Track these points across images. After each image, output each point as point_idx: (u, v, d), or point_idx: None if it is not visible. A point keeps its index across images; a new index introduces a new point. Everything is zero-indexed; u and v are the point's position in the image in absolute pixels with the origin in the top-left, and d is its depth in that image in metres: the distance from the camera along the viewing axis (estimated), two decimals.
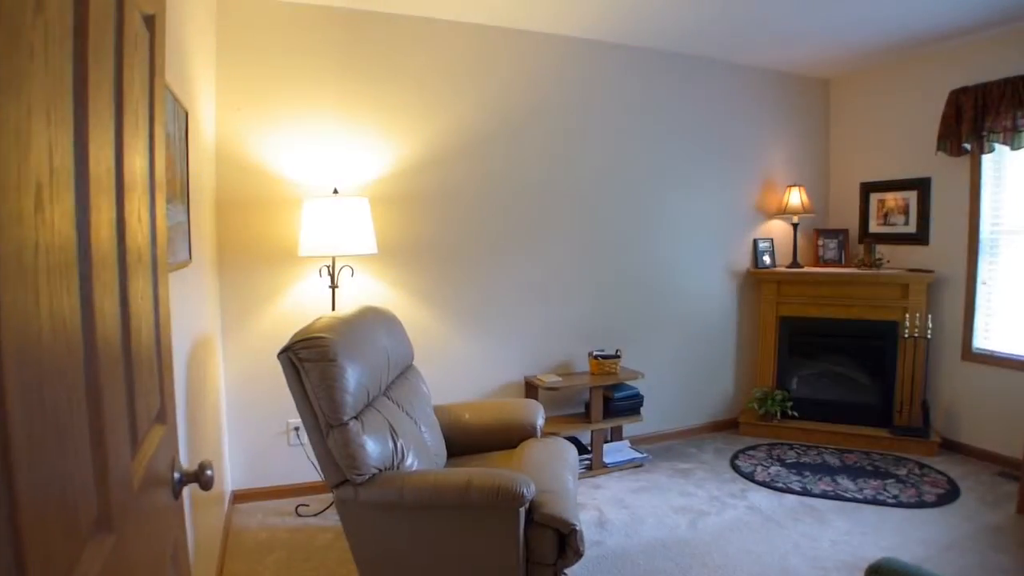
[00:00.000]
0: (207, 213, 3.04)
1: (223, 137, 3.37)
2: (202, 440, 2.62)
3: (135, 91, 0.95)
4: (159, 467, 1.09)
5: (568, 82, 4.18)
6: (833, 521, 3.43)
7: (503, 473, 2.22)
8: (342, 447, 2.23)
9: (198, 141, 2.70)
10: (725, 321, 5.00)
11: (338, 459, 2.25)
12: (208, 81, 3.14)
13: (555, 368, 4.28)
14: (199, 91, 2.75)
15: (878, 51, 4.61)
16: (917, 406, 4.56)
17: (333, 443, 2.24)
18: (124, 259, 0.87)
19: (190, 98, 2.44)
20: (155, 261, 1.09)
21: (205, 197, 2.98)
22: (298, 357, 2.26)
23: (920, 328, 4.51)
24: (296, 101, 3.48)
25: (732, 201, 4.93)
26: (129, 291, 0.89)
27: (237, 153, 3.40)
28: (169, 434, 1.17)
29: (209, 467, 1.21)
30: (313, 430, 2.30)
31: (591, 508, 3.58)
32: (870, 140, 5.10)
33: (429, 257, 3.86)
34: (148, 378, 1.03)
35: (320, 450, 2.30)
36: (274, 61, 3.43)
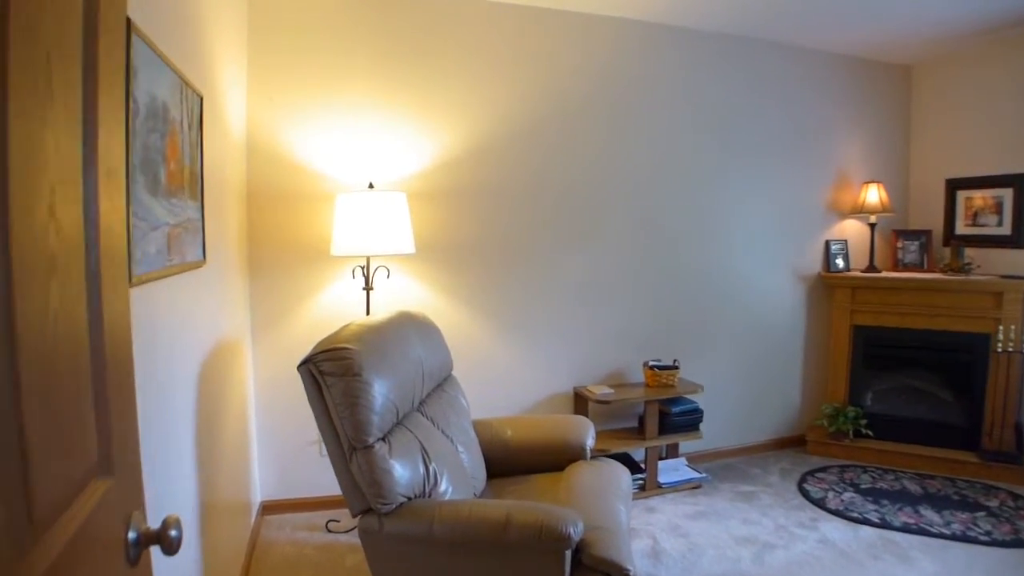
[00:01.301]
0: (234, 209, 2.84)
1: (255, 128, 3.17)
2: (220, 453, 2.41)
3: (44, 46, 0.70)
4: (100, 531, 0.85)
5: (621, 68, 3.87)
6: (918, 561, 3.05)
7: (547, 509, 1.94)
8: (366, 472, 1.98)
9: (220, 130, 2.50)
10: (792, 329, 4.61)
11: (362, 485, 2.00)
12: (238, 68, 2.94)
13: (606, 378, 3.97)
14: (222, 76, 2.54)
15: (968, 32, 4.16)
16: (1010, 429, 4.11)
17: (356, 467, 2.00)
18: (9, 267, 0.61)
19: (207, 82, 2.23)
20: (94, 268, 0.84)
21: (231, 191, 2.78)
22: (319, 370, 2.02)
23: (1016, 342, 4.06)
24: (330, 90, 3.27)
25: (801, 199, 4.54)
26: (20, 308, 0.63)
27: (269, 145, 3.20)
28: (120, 487, 0.92)
29: (175, 525, 0.97)
30: (335, 452, 2.06)
31: (644, 536, 3.26)
32: (958, 132, 4.64)
33: (470, 257, 3.60)
34: (72, 423, 0.78)
35: (342, 474, 2.07)
36: (308, 48, 3.22)
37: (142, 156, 1.46)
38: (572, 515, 1.90)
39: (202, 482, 2.09)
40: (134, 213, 1.40)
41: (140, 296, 1.47)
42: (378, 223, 2.94)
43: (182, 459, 1.83)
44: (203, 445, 2.11)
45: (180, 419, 1.85)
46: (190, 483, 1.93)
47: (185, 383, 1.93)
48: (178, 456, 1.79)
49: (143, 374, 1.50)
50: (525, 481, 2.63)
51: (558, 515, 1.89)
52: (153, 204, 1.55)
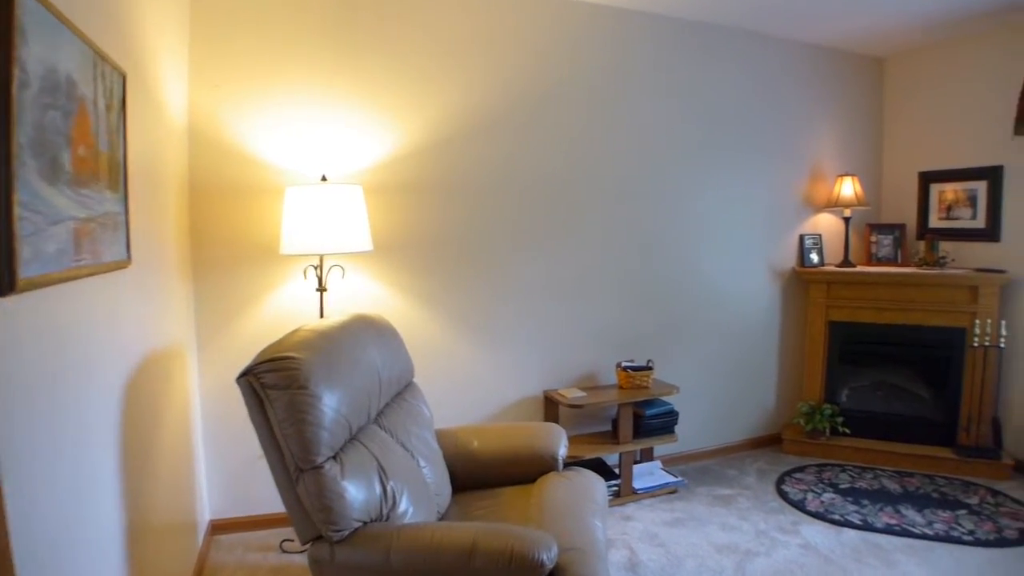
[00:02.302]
0: (172, 203, 2.59)
1: (198, 115, 2.92)
2: (155, 471, 2.18)
3: None
4: None
5: (591, 57, 3.70)
6: (903, 564, 2.93)
7: (517, 533, 1.75)
8: (315, 496, 1.77)
9: (152, 115, 2.26)
10: (767, 326, 4.49)
11: (310, 510, 1.79)
12: (178, 49, 2.69)
13: (578, 381, 3.80)
14: (156, 56, 2.29)
15: (942, 24, 4.08)
16: (987, 424, 4.05)
17: (304, 491, 1.79)
18: None
19: (134, 59, 1.99)
20: None
21: (168, 183, 2.53)
22: (261, 383, 1.80)
23: (992, 336, 3.99)
24: (281, 76, 3.03)
25: (776, 192, 4.42)
26: None
27: (214, 134, 2.95)
28: None
29: None
30: (280, 473, 1.85)
31: (621, 546, 3.10)
32: (931, 125, 4.56)
33: (433, 256, 3.39)
34: None
35: (289, 498, 1.85)
36: (256, 31, 2.98)
37: (33, 136, 1.23)
38: (545, 538, 1.71)
39: (130, 504, 1.86)
40: (21, 203, 1.17)
41: (33, 303, 1.24)
42: (332, 219, 2.72)
43: (95, 482, 1.60)
44: (131, 464, 1.88)
45: (96, 439, 1.62)
46: (111, 506, 1.71)
47: (105, 399, 1.70)
48: (90, 479, 1.56)
49: (40, 393, 1.28)
50: (493, 496, 2.44)
51: (530, 539, 1.70)
52: (52, 194, 1.32)
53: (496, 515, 2.27)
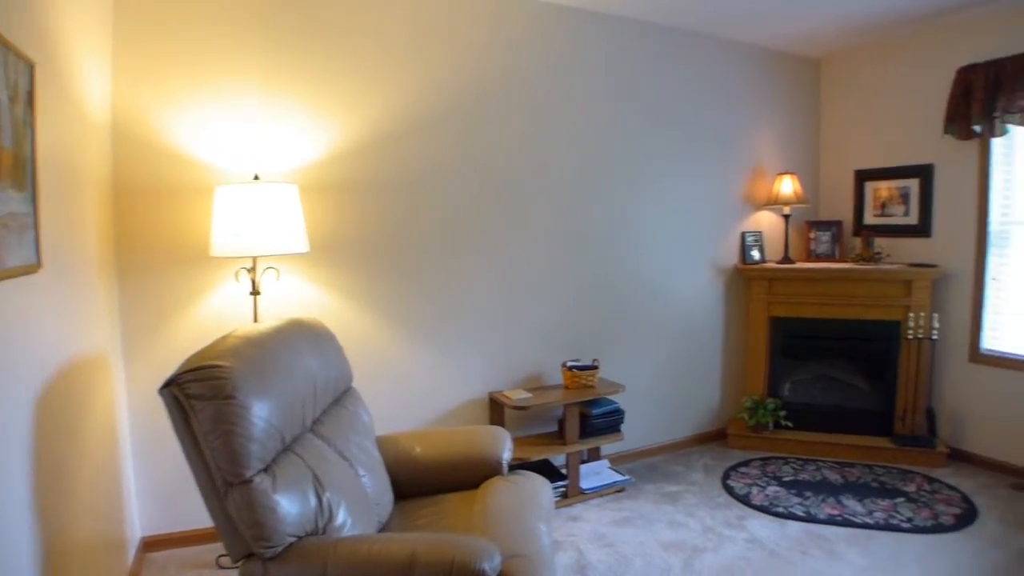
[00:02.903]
0: (93, 203, 2.44)
1: (123, 110, 2.76)
2: (74, 489, 2.05)
3: None
4: None
5: (534, 55, 3.66)
6: (846, 554, 2.98)
7: (458, 542, 1.69)
8: (245, 512, 1.68)
9: (69, 109, 2.12)
10: (711, 323, 4.53)
11: (241, 527, 1.70)
12: (99, 40, 2.54)
13: (524, 382, 3.75)
14: (72, 46, 2.15)
15: (873, 27, 4.19)
16: (921, 413, 4.17)
17: (233, 506, 1.69)
18: None
19: (45, 49, 1.85)
20: None
21: (88, 182, 2.38)
22: (185, 393, 1.70)
23: (925, 328, 4.11)
24: (211, 71, 2.89)
25: (718, 190, 4.47)
26: None
27: (140, 130, 2.79)
28: None
29: None
30: (207, 488, 1.74)
31: (569, 548, 3.06)
32: (865, 125, 4.68)
33: (372, 257, 3.29)
34: None
35: (217, 515, 1.75)
36: (186, 24, 2.83)
37: None
38: (487, 547, 1.66)
39: (46, 525, 1.74)
40: None
41: None
42: (265, 219, 2.61)
43: (2, 504, 1.48)
44: (46, 483, 1.76)
45: (2, 457, 1.50)
46: (22, 528, 1.59)
47: (13, 414, 1.58)
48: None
49: None
50: (437, 503, 2.37)
51: (471, 549, 1.64)
52: None
53: (439, 523, 2.20)
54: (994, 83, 3.78)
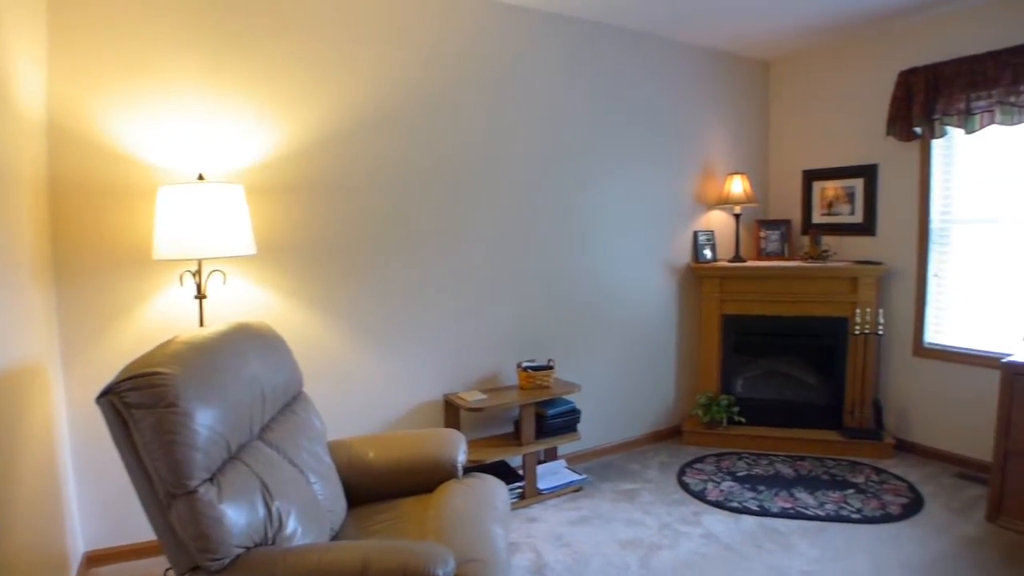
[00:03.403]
0: (24, 203, 2.33)
1: (58, 106, 2.63)
2: (9, 506, 1.95)
3: None
4: None
5: (488, 54, 3.64)
6: (799, 546, 3.04)
7: (411, 548, 1.66)
8: (190, 523, 1.62)
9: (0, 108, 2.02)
10: (665, 321, 4.57)
11: (185, 539, 1.64)
12: (32, 33, 2.42)
13: (479, 383, 3.73)
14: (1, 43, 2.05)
15: (820, 31, 4.30)
16: (869, 406, 4.28)
17: (177, 518, 1.63)
18: None
19: None
20: None
21: (19, 181, 2.26)
22: (124, 402, 1.63)
23: (871, 324, 4.22)
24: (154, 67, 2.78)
25: (670, 190, 4.51)
26: None
27: (78, 127, 2.67)
28: None
29: None
30: (149, 501, 1.68)
31: (526, 549, 3.05)
32: (812, 126, 4.79)
33: (323, 258, 3.22)
34: None
35: (160, 527, 1.69)
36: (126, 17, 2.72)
37: None
38: (441, 552, 1.63)
39: None
40: None
41: None
42: (210, 220, 2.53)
43: None
44: None
45: None
46: None
47: None
48: None
49: None
50: (392, 508, 2.33)
51: (424, 555, 1.61)
52: None
53: (394, 529, 2.16)
54: (933, 86, 3.90)
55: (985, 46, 3.67)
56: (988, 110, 3.68)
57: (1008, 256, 3.78)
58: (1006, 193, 3.79)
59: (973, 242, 3.96)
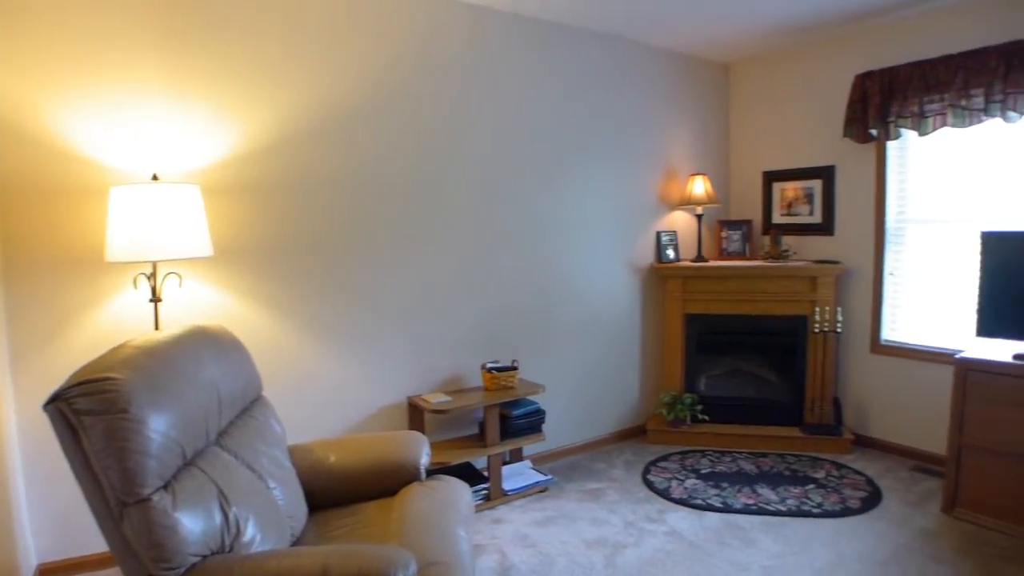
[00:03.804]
0: None
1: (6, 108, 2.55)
2: None
3: None
4: None
5: (447, 53, 3.62)
6: (760, 541, 3.08)
7: (371, 552, 1.63)
8: (143, 532, 1.57)
9: None
10: (629, 321, 4.60)
11: (138, 549, 1.59)
12: None
13: (443, 385, 3.70)
14: None
15: (778, 34, 4.36)
16: (828, 403, 4.37)
17: (130, 527, 1.58)
18: None
19: None
20: None
21: None
22: (73, 409, 1.58)
23: (830, 322, 4.30)
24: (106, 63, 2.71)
25: (633, 191, 4.54)
26: None
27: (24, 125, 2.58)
28: None
29: None
30: (101, 510, 1.62)
31: (491, 551, 3.04)
32: (772, 128, 4.87)
33: (284, 260, 3.16)
34: None
35: (113, 537, 1.64)
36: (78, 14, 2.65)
37: None
38: (402, 556, 1.61)
39: None
40: None
41: None
42: (165, 222, 2.47)
43: None
44: None
45: None
46: None
47: None
48: None
49: None
50: (353, 513, 2.30)
51: (385, 559, 1.59)
52: None
53: (356, 534, 2.13)
54: (888, 89, 3.99)
55: (938, 51, 3.78)
56: (940, 113, 3.77)
57: (960, 255, 3.89)
58: (957, 194, 3.89)
59: (927, 241, 4.06)
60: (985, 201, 3.77)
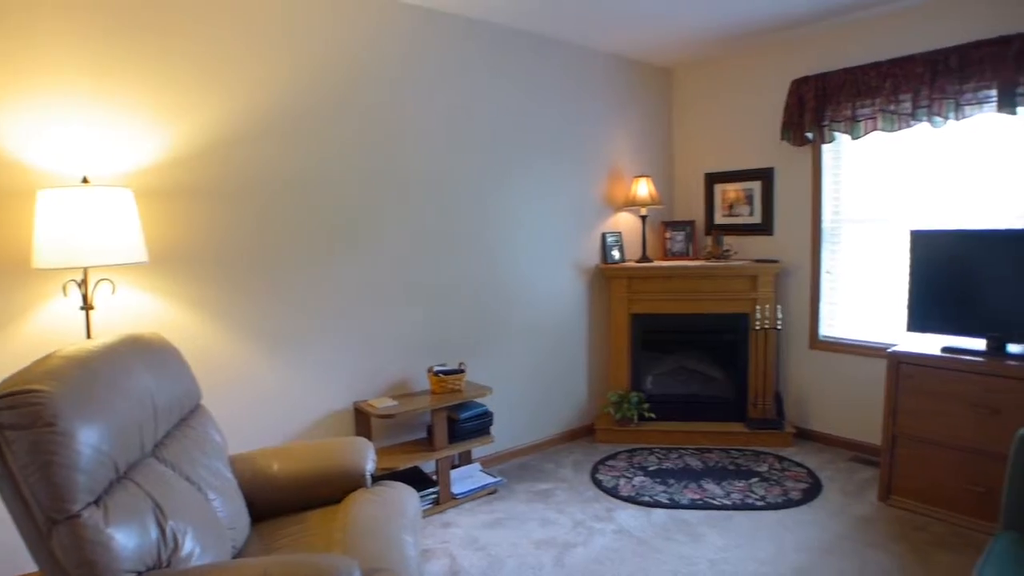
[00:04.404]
0: None
1: None
2: None
3: None
4: None
5: (392, 56, 3.58)
6: (707, 536, 3.15)
7: (313, 561, 1.60)
8: (73, 550, 1.51)
9: None
10: (575, 322, 4.64)
11: (68, 567, 1.52)
12: None
13: (390, 390, 3.66)
14: None
15: (717, 40, 4.46)
16: (770, 398, 4.48)
17: (59, 545, 1.51)
18: None
19: None
20: None
21: None
22: None
23: (770, 319, 4.42)
24: (33, 65, 2.59)
25: (579, 193, 4.58)
26: None
27: None
28: None
29: None
30: (28, 529, 1.56)
31: (441, 555, 3.02)
32: (713, 131, 4.98)
33: (223, 266, 3.07)
34: None
35: (41, 556, 1.57)
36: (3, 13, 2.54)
37: None
38: (345, 564, 1.58)
39: None
40: None
41: None
42: (96, 226, 2.38)
43: None
44: None
45: None
46: None
47: None
48: None
49: None
50: (298, 521, 2.26)
51: (328, 567, 1.56)
52: None
53: (300, 543, 2.09)
54: (822, 94, 4.13)
55: (869, 58, 3.92)
56: (871, 117, 3.92)
57: (891, 253, 4.04)
58: (889, 195, 4.04)
59: (861, 240, 4.21)
60: (915, 201, 3.93)
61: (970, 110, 3.51)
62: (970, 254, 3.28)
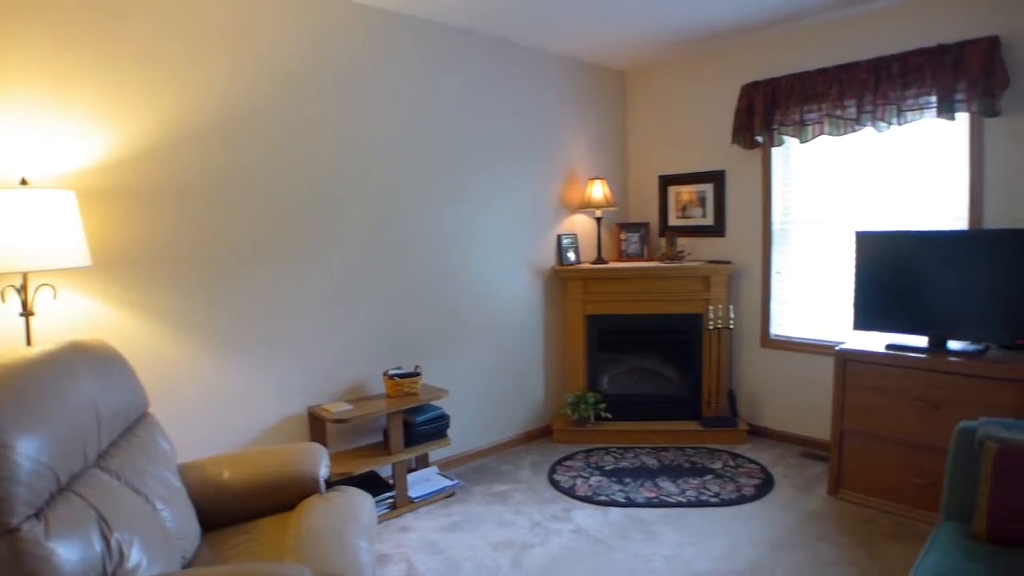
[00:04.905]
0: None
1: None
2: None
3: None
4: None
5: (346, 56, 3.55)
6: (662, 533, 3.19)
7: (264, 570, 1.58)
8: (12, 564, 1.46)
9: None
10: (532, 323, 4.66)
11: None
12: None
13: (345, 394, 3.62)
14: None
15: (670, 44, 4.53)
16: (724, 396, 4.57)
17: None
18: None
19: None
20: None
21: None
22: None
23: (723, 319, 4.50)
24: None
25: (535, 195, 4.60)
26: None
27: None
28: None
29: None
30: None
31: (398, 560, 3.00)
32: (666, 134, 5.05)
33: (171, 269, 2.99)
34: None
35: None
36: None
37: None
38: (295, 571, 1.56)
39: None
40: None
41: None
42: (35, 230, 2.30)
43: None
44: None
45: None
46: None
47: None
48: None
49: None
50: (249, 530, 2.21)
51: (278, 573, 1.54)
52: None
53: (251, 551, 2.05)
54: (772, 99, 4.22)
55: (815, 63, 4.03)
56: (819, 122, 4.02)
57: (838, 254, 4.16)
58: (836, 197, 4.16)
59: (810, 241, 4.32)
60: (860, 203, 4.05)
61: (912, 115, 3.64)
62: (912, 254, 3.40)
